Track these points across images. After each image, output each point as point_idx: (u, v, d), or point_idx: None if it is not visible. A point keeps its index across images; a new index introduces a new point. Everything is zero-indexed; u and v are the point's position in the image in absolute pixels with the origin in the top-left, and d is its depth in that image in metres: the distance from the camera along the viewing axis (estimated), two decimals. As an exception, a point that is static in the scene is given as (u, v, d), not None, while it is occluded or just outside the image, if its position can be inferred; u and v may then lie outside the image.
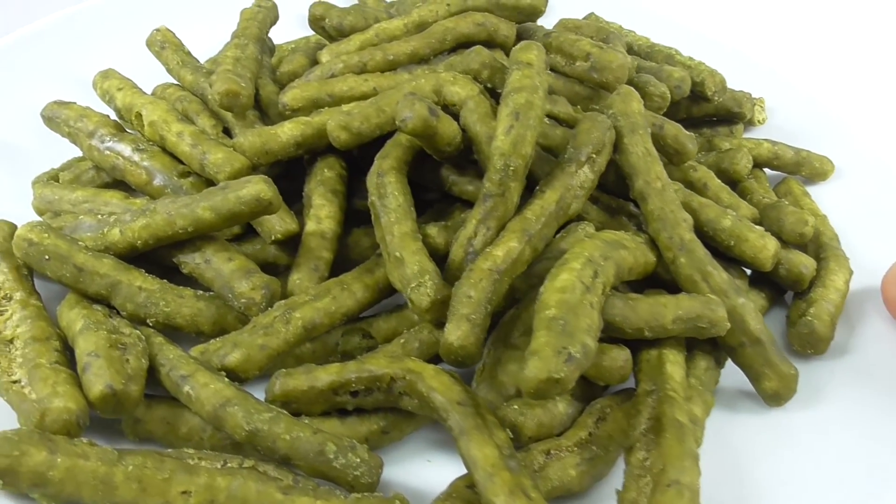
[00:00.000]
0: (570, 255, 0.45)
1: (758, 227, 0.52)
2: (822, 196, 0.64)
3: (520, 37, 0.63)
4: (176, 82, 0.64)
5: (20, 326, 0.45)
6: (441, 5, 0.63)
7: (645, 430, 0.41)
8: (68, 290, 0.48)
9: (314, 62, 0.64)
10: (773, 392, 0.47)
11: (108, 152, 0.54)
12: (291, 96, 0.58)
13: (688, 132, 0.57)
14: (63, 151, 0.61)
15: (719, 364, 0.50)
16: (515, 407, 0.44)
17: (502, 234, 0.48)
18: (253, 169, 0.53)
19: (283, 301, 0.47)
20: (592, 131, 0.51)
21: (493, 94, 0.56)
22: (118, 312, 0.48)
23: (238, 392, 0.41)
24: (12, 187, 0.60)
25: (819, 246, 0.56)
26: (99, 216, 0.50)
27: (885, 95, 0.72)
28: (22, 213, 0.56)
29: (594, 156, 0.51)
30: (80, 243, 0.48)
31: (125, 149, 0.54)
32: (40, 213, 0.55)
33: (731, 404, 0.49)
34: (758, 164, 0.65)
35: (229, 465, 0.39)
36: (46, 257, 0.47)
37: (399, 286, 0.48)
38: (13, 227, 0.51)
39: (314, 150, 0.56)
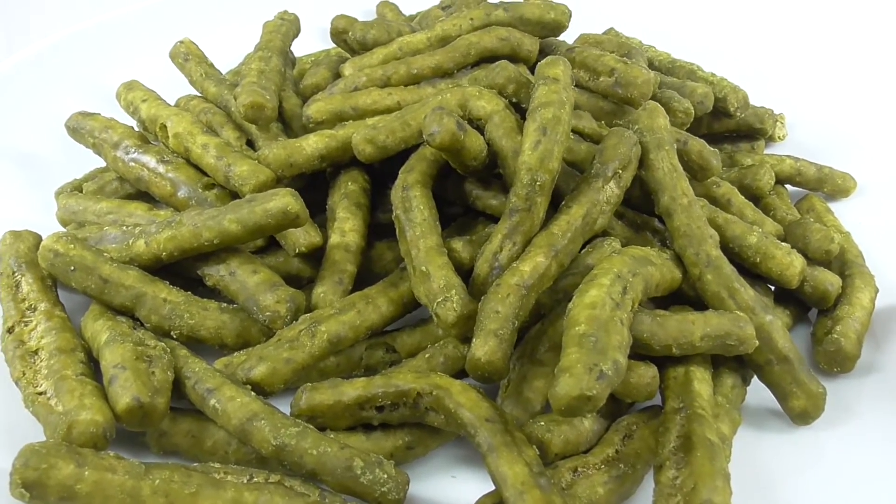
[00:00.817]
0: (599, 270, 0.45)
1: (784, 244, 0.52)
2: (845, 213, 0.64)
3: (543, 52, 0.63)
4: (199, 94, 0.64)
5: (45, 337, 0.45)
6: (464, 20, 0.63)
7: (674, 449, 0.41)
8: (91, 302, 0.49)
9: (337, 75, 0.64)
10: (801, 411, 0.47)
11: (132, 163, 0.54)
12: (315, 109, 0.58)
13: (712, 148, 0.57)
14: (86, 162, 0.61)
15: (745, 382, 0.49)
16: (542, 423, 0.44)
17: (528, 249, 0.48)
18: (277, 181, 0.53)
19: (307, 314, 0.47)
20: (619, 147, 0.51)
21: (519, 109, 0.56)
22: (142, 324, 0.48)
23: (265, 406, 0.41)
24: (36, 197, 0.60)
25: (844, 263, 0.56)
26: (124, 227, 0.50)
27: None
28: (45, 224, 0.56)
29: (620, 171, 0.51)
30: (105, 254, 0.48)
31: (150, 160, 0.54)
32: (64, 224, 0.55)
33: (757, 422, 0.49)
34: (780, 181, 0.64)
35: (255, 479, 0.39)
36: (72, 268, 0.47)
37: (424, 301, 0.47)
38: (38, 238, 0.51)
39: (338, 163, 0.56)
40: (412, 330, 0.50)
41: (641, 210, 0.55)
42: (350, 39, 0.64)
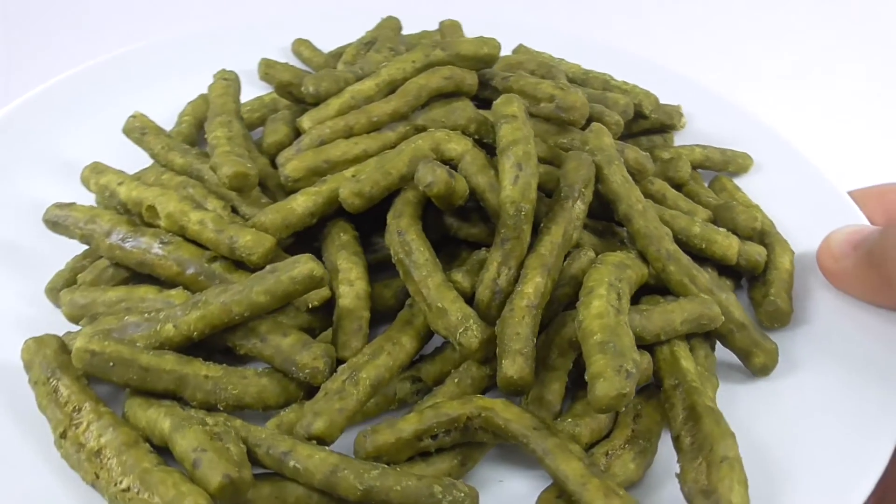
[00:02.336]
0: (593, 283, 0.52)
1: (721, 228, 0.62)
2: (746, 188, 0.75)
3: (481, 83, 0.69)
4: (162, 166, 0.65)
5: (103, 436, 0.47)
6: (406, 63, 0.68)
7: (684, 419, 0.50)
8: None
9: (294, 129, 0.68)
10: (761, 365, 0.57)
11: (133, 249, 0.56)
12: (292, 168, 0.62)
13: (644, 153, 0.66)
14: (55, 243, 0.61)
15: (713, 349, 0.59)
16: (569, 420, 0.51)
17: (525, 272, 0.54)
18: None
19: (344, 365, 0.52)
20: (580, 169, 0.59)
21: (481, 145, 0.62)
22: (187, 403, 0.50)
23: (341, 456, 0.46)
24: (17, 288, 0.60)
25: (762, 234, 0.67)
26: (146, 315, 0.52)
27: (784, 89, 0.84)
28: (40, 316, 0.57)
29: (583, 190, 0.58)
30: (137, 344, 0.50)
31: (150, 244, 0.56)
32: (74, 320, 0.56)
33: (725, 379, 0.59)
34: (693, 167, 0.75)
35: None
36: (111, 364, 0.49)
37: (444, 333, 0.53)
38: (59, 340, 0.52)
39: (326, 216, 0.60)
40: (431, 359, 0.56)
41: (598, 217, 0.63)
42: (305, 93, 0.68)
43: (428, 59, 0.69)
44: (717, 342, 0.59)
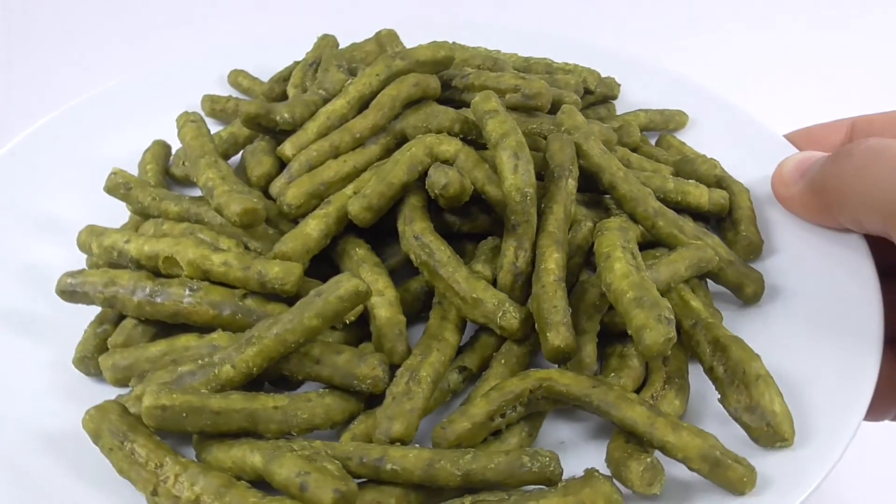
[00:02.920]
0: (607, 248, 0.57)
1: (689, 180, 0.69)
2: (687, 142, 0.83)
3: (443, 84, 0.73)
4: (155, 216, 0.65)
5: (196, 484, 0.48)
6: (371, 77, 0.71)
7: (712, 352, 0.56)
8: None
9: (277, 158, 0.69)
10: (752, 294, 0.64)
11: (164, 303, 0.56)
12: (292, 196, 0.63)
13: (605, 125, 0.72)
14: (58, 306, 0.61)
15: (707, 287, 0.66)
16: (612, 375, 0.56)
17: (540, 251, 0.59)
18: (301, 270, 0.59)
19: (401, 369, 0.55)
20: (565, 149, 0.64)
21: (467, 142, 0.66)
22: (260, 436, 0.52)
23: (431, 451, 0.49)
24: (38, 358, 0.59)
25: (719, 179, 0.74)
26: (199, 361, 0.53)
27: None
28: (69, 381, 0.57)
29: (571, 167, 0.64)
30: (202, 391, 0.51)
31: (180, 293, 0.57)
32: (120, 383, 0.56)
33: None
34: (640, 131, 0.82)
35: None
36: (183, 415, 0.50)
37: (483, 321, 0.57)
38: (120, 405, 0.52)
39: (336, 235, 0.62)
40: (472, 348, 0.60)
41: (582, 190, 0.68)
42: (280, 122, 0.69)
43: (390, 70, 0.72)
44: (710, 280, 0.66)
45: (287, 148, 0.68)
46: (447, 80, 0.74)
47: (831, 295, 0.63)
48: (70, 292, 0.58)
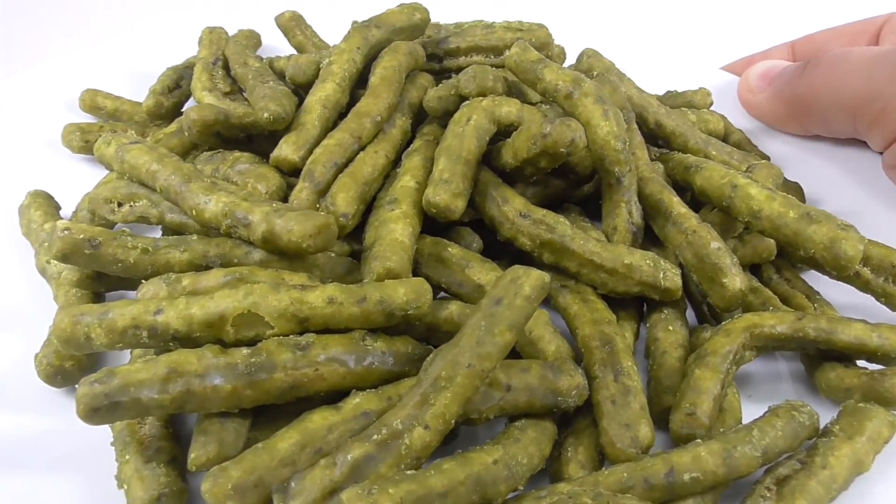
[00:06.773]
0: (725, 178, 0.52)
1: (703, 109, 0.67)
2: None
3: (426, 48, 0.62)
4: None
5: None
6: (352, 52, 0.57)
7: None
8: None
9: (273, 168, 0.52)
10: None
11: (272, 377, 0.38)
12: (345, 203, 0.49)
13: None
14: None
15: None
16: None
17: (658, 199, 0.52)
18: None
19: (594, 369, 0.44)
20: (618, 92, 0.57)
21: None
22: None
23: (716, 443, 0.40)
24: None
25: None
26: (373, 437, 0.37)
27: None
28: None
29: (631, 110, 0.58)
30: (408, 473, 0.36)
31: (288, 358, 0.39)
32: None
33: None
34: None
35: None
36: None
37: (639, 289, 0.49)
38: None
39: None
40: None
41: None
42: (265, 119, 0.52)
43: (369, 43, 0.59)
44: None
45: (288, 151, 0.52)
46: (434, 44, 0.63)
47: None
48: (107, 408, 0.37)
